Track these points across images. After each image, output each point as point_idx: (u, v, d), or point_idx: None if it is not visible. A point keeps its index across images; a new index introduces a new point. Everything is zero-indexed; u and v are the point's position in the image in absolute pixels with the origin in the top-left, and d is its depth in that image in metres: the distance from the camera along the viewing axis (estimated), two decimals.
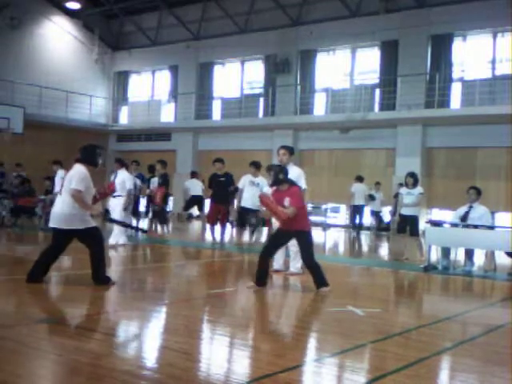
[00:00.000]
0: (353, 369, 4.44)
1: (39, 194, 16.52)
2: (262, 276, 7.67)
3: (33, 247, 12.75)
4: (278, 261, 9.34)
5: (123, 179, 12.41)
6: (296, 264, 9.20)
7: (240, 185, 12.33)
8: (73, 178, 7.24)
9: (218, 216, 13.21)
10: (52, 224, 7.45)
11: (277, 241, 7.98)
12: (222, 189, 13.08)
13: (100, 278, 7.37)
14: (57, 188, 14.51)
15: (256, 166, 12.30)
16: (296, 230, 7.63)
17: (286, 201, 7.47)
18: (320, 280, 7.62)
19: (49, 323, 5.36)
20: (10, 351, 4.39)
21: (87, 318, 5.96)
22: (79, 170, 7.34)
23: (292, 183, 7.78)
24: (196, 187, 17.64)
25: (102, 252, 7.46)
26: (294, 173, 9.08)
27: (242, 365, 4.54)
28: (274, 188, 7.79)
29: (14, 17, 24.29)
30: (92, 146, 7.72)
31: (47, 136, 24.26)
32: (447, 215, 16.27)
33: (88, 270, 7.48)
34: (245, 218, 12.43)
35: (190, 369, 4.23)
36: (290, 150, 9.23)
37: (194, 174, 18.63)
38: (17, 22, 24.43)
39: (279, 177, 7.63)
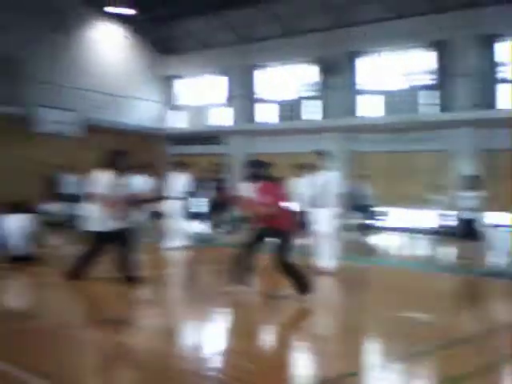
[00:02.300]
0: (418, 374, 4.37)
1: None
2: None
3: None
4: (311, 260, 9.52)
5: (182, 182, 12.69)
6: (329, 262, 9.41)
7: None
8: (99, 184, 7.59)
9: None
10: (90, 227, 7.68)
11: (256, 238, 7.67)
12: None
13: (131, 278, 7.48)
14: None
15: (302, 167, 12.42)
16: (274, 228, 7.29)
17: (263, 197, 7.26)
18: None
19: (112, 323, 5.44)
20: (78, 350, 4.48)
21: (150, 318, 6.02)
22: (105, 175, 7.69)
23: (269, 179, 7.51)
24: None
25: (134, 253, 7.60)
26: (327, 177, 9.32)
27: (305, 368, 4.52)
28: (251, 184, 7.61)
29: (68, 22, 24.82)
30: (114, 152, 8.07)
31: (101, 140, 24.55)
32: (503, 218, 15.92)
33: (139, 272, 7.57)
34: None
35: (253, 371, 4.24)
36: (325, 154, 9.44)
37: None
38: (71, 28, 24.95)
39: (255, 172, 7.49)
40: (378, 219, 17.80)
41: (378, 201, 19.11)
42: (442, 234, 18.34)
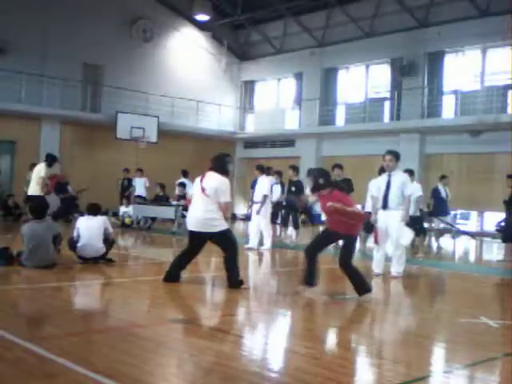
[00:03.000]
0: (485, 381, 4.30)
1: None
2: (310, 274, 7.40)
3: (166, 249, 13.39)
4: (378, 265, 9.40)
5: (262, 186, 12.91)
6: (399, 268, 9.28)
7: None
8: (219, 190, 7.60)
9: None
10: (190, 227, 7.83)
11: (324, 240, 7.65)
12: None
13: (233, 282, 7.60)
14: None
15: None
16: (340, 233, 7.25)
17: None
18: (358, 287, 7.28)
19: (183, 323, 5.63)
20: (145, 350, 4.66)
21: (219, 320, 6.18)
22: (221, 180, 7.68)
23: (335, 186, 7.40)
24: None
25: (235, 255, 7.72)
26: (400, 178, 9.16)
27: (370, 373, 4.53)
28: (316, 194, 7.46)
29: (147, 29, 25.58)
30: (222, 155, 8.06)
31: (178, 145, 25.31)
32: None
33: (221, 273, 7.76)
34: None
35: (318, 374, 4.29)
36: (397, 156, 9.29)
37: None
38: (149, 35, 25.71)
39: (319, 182, 7.26)
40: (458, 223, 17.36)
41: (457, 203, 18.67)
42: None
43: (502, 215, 17.57)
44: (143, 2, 25.37)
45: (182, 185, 16.59)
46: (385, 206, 9.24)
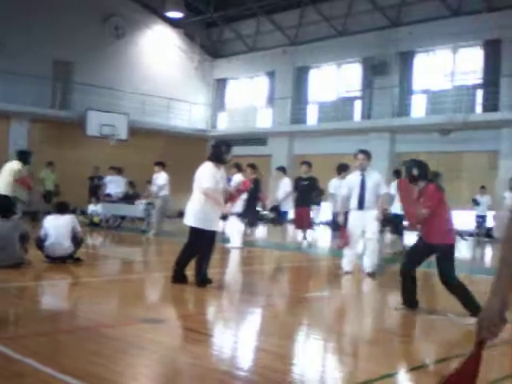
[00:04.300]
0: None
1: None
2: (409, 295, 6.51)
3: (135, 248, 13.29)
4: (349, 263, 9.32)
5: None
6: (371, 263, 9.19)
7: (332, 189, 12.49)
8: (202, 177, 7.46)
9: (302, 219, 13.26)
10: (185, 221, 7.69)
11: (416, 254, 6.58)
12: (305, 192, 13.17)
13: (200, 278, 7.49)
14: (153, 188, 15.02)
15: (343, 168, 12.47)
16: (432, 243, 6.28)
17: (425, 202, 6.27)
18: (469, 305, 6.11)
19: (152, 323, 5.58)
20: (114, 350, 4.61)
21: (189, 319, 6.14)
22: (207, 166, 7.56)
23: (430, 180, 6.49)
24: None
25: (209, 255, 7.58)
26: (374, 177, 9.15)
27: (338, 370, 4.55)
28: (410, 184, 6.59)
29: (119, 26, 25.38)
30: (219, 144, 7.97)
31: (149, 142, 25.10)
32: None
33: (193, 271, 7.69)
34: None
35: (286, 372, 4.29)
36: (369, 155, 9.26)
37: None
38: (121, 32, 25.51)
39: (413, 173, 6.39)
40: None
41: None
42: (480, 236, 17.89)
43: (469, 214, 17.85)
44: None
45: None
46: (361, 205, 9.09)
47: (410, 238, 14.42)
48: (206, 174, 7.46)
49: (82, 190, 19.91)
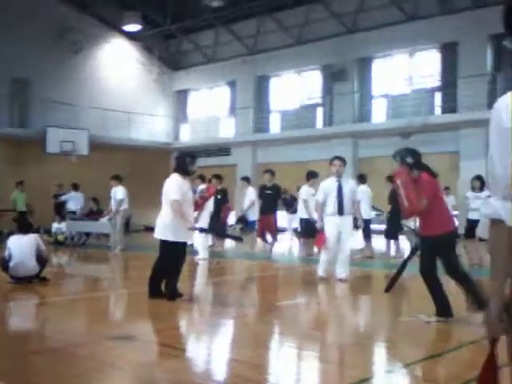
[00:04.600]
0: (428, 379, 4.35)
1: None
2: (440, 302, 6.11)
3: (100, 265, 13.10)
4: (325, 269, 9.32)
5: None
6: (346, 270, 9.18)
7: (304, 195, 12.53)
8: (170, 189, 7.40)
9: (266, 228, 13.30)
10: (155, 234, 7.61)
11: (426, 254, 6.20)
12: (270, 200, 13.23)
13: (170, 292, 7.40)
14: (112, 204, 14.74)
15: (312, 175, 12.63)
16: (433, 235, 6.03)
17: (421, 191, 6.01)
18: (477, 295, 5.84)
19: (124, 340, 5.48)
20: (87, 369, 4.51)
21: (159, 333, 6.06)
22: (173, 179, 7.50)
23: (425, 169, 6.26)
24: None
25: (178, 268, 7.50)
26: (350, 184, 9.38)
27: (313, 377, 4.52)
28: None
29: (77, 41, 25.11)
30: (182, 155, 7.89)
31: (111, 157, 24.83)
32: None
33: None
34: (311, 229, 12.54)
35: (261, 381, 4.25)
36: (344, 161, 9.40)
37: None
38: (79, 47, 25.25)
39: (408, 161, 6.20)
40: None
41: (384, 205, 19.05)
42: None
43: None
44: (72, 14, 24.85)
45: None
46: (340, 211, 9.09)
47: (378, 242, 14.59)
48: (173, 186, 7.40)
49: (46, 208, 19.60)
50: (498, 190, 2.10)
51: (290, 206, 17.32)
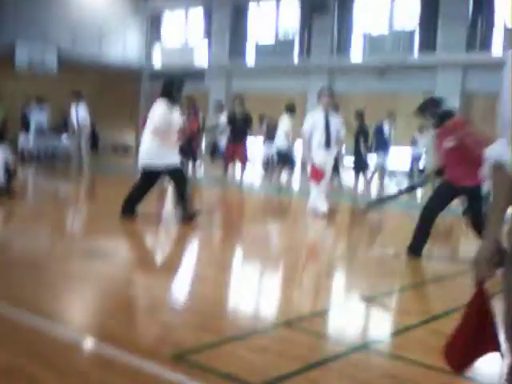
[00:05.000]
0: (398, 310, 4.42)
1: None
2: (418, 243, 6.13)
3: (69, 182, 12.91)
4: (324, 203, 9.09)
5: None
6: (323, 204, 9.00)
7: (286, 126, 12.49)
8: (154, 116, 7.25)
9: (234, 155, 13.00)
10: (140, 161, 7.50)
11: (442, 197, 6.16)
12: (239, 129, 13.00)
13: (187, 214, 7.34)
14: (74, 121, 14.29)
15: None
16: (465, 185, 5.88)
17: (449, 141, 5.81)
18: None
19: (97, 257, 5.44)
20: (57, 281, 4.48)
21: (133, 251, 6.03)
22: (159, 105, 7.29)
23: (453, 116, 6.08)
24: None
25: (183, 189, 7.39)
26: (336, 120, 9.21)
27: (275, 306, 4.51)
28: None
29: None
30: (169, 80, 7.57)
31: (81, 75, 24.05)
32: None
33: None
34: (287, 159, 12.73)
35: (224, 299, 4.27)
36: (333, 94, 9.22)
37: None
38: None
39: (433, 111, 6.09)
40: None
41: None
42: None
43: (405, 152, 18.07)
44: None
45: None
46: (328, 144, 9.00)
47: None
48: (157, 114, 7.23)
49: (10, 121, 19.07)
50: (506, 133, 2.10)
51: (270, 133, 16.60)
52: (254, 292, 4.80)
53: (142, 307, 4.21)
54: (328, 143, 9.01)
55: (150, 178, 7.47)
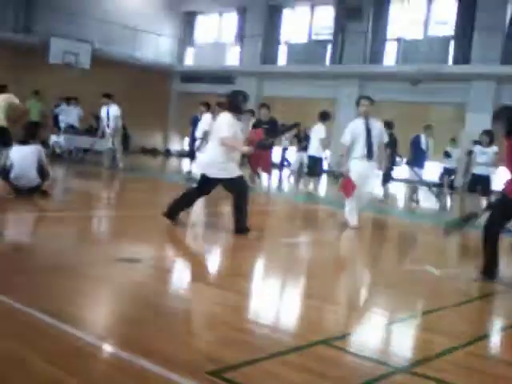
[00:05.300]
0: (435, 331, 4.32)
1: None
2: (490, 262, 5.83)
3: (101, 183, 12.97)
4: (354, 216, 8.84)
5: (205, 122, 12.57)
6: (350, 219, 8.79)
7: (321, 134, 12.38)
8: (221, 127, 7.20)
9: (259, 163, 12.85)
10: (200, 170, 7.53)
11: (501, 213, 5.95)
12: (265, 135, 12.90)
13: (240, 227, 7.26)
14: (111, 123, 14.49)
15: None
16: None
17: None
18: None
19: (130, 262, 5.43)
20: (93, 287, 4.47)
21: (165, 259, 6.01)
22: (225, 117, 7.28)
23: None
24: None
25: (243, 202, 7.30)
26: (378, 125, 8.88)
27: (313, 323, 4.45)
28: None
29: None
30: (235, 93, 7.56)
31: (113, 73, 24.27)
32: None
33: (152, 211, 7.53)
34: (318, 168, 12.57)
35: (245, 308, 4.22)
36: (373, 101, 8.85)
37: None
38: None
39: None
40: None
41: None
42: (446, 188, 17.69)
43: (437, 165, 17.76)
44: None
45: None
46: (369, 155, 8.64)
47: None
48: (225, 125, 7.18)
49: (42, 119, 19.24)
50: None
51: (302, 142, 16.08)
52: (291, 307, 4.74)
53: (178, 320, 4.16)
54: (370, 154, 8.64)
55: (206, 186, 7.44)
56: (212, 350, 3.54)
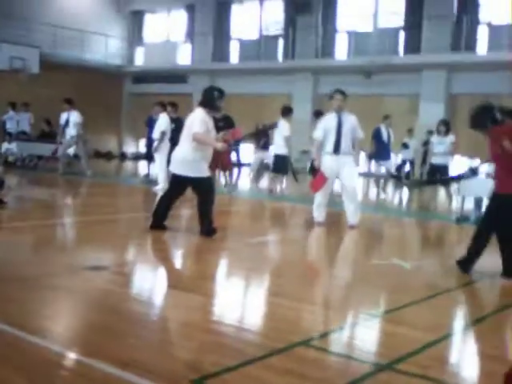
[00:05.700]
0: (412, 326, 4.31)
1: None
2: (471, 259, 5.87)
3: (54, 190, 12.66)
4: (321, 213, 8.81)
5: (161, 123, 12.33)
6: (357, 217, 8.64)
7: (286, 131, 12.25)
8: (193, 123, 6.98)
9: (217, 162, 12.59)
10: (172, 169, 7.31)
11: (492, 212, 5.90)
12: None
13: (206, 229, 7.14)
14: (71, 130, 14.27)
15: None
16: (504, 192, 5.69)
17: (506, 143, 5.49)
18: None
19: (96, 270, 5.29)
20: (55, 297, 4.33)
21: (127, 266, 5.88)
22: (198, 113, 7.06)
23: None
24: None
25: (210, 204, 7.18)
26: (351, 120, 8.69)
27: (290, 324, 4.40)
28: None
29: None
30: (210, 89, 7.38)
31: (62, 76, 23.77)
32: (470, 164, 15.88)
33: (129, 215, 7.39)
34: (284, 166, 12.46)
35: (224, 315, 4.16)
36: (346, 96, 8.66)
37: None
38: None
39: (496, 117, 5.71)
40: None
41: None
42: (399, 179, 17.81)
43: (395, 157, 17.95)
44: None
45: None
46: (336, 150, 8.49)
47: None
48: (197, 120, 6.97)
49: None
50: None
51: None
52: (267, 309, 4.68)
53: (152, 327, 4.05)
54: (337, 149, 8.50)
55: (179, 187, 7.31)
56: (191, 356, 3.46)
